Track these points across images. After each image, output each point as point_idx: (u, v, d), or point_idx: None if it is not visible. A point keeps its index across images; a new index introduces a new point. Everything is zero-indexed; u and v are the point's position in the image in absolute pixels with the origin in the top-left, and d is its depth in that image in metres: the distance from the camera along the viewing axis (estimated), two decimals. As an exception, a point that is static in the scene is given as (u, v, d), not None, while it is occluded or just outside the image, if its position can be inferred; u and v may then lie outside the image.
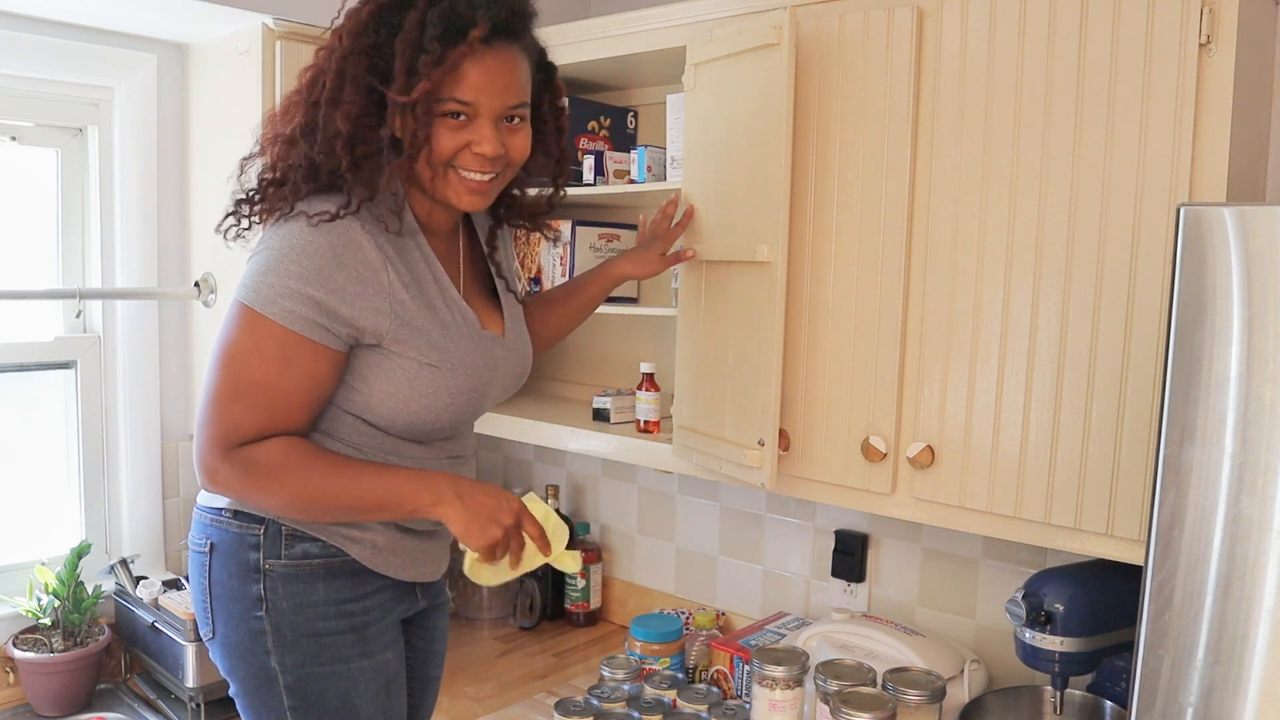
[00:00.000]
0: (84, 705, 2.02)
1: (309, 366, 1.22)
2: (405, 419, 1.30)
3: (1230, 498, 1.04)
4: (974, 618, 1.90)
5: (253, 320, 1.21)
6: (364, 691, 1.34)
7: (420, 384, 1.28)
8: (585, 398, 2.36)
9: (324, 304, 1.20)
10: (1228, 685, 1.05)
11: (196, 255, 2.27)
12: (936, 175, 1.52)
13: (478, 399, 1.36)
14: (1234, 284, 1.02)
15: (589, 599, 2.44)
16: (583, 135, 2.17)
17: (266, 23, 1.99)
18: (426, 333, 1.28)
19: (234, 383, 1.22)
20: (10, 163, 2.12)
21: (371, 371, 1.27)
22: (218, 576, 1.33)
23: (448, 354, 1.30)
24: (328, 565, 1.32)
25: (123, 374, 2.23)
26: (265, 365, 1.21)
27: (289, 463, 1.22)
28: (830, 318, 1.65)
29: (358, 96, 1.21)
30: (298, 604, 1.31)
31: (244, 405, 1.21)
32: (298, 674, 1.31)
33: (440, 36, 1.18)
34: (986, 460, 1.50)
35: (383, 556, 1.35)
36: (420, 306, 1.28)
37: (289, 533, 1.30)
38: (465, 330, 1.34)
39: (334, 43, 1.24)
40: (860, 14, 1.58)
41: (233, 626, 1.32)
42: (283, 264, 1.20)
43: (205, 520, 1.35)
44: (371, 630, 1.35)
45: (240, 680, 1.34)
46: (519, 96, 1.27)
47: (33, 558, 2.12)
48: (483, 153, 1.24)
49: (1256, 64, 1.42)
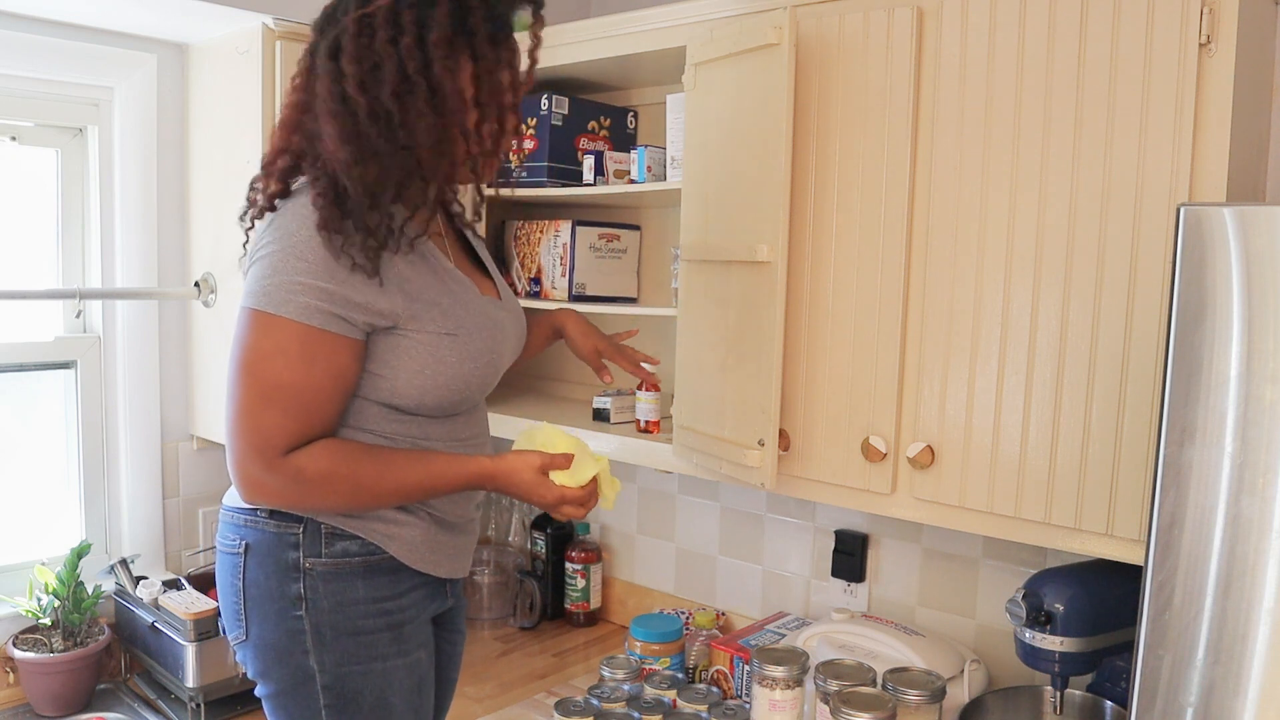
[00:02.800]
0: (84, 705, 2.02)
1: (333, 359, 1.22)
2: (435, 395, 1.30)
3: (1230, 498, 1.04)
4: (974, 618, 1.90)
5: (268, 323, 1.20)
6: (398, 690, 1.34)
7: (443, 354, 1.29)
8: (585, 398, 2.36)
9: (336, 294, 1.20)
10: (1228, 685, 1.05)
11: (196, 255, 2.27)
12: (936, 175, 1.52)
13: (495, 360, 1.38)
14: (1234, 284, 1.02)
15: (589, 599, 2.44)
16: (583, 135, 2.17)
17: (266, 23, 1.99)
18: (437, 303, 1.28)
19: (261, 388, 1.20)
20: (10, 163, 2.12)
21: (393, 355, 1.27)
22: (253, 577, 1.31)
23: (461, 321, 1.31)
24: (366, 563, 1.32)
25: (123, 374, 2.23)
26: (290, 365, 1.20)
27: (337, 468, 1.23)
28: (830, 318, 1.65)
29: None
30: (338, 602, 1.30)
31: (276, 409, 1.20)
32: (336, 673, 1.31)
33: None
34: (986, 460, 1.50)
35: (419, 553, 1.35)
36: (427, 276, 1.29)
37: (329, 531, 1.30)
38: (468, 294, 1.35)
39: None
40: (860, 14, 1.58)
41: (269, 627, 1.31)
42: (287, 262, 1.20)
43: (238, 521, 1.33)
44: (408, 629, 1.36)
45: (276, 680, 1.32)
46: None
47: (33, 558, 2.12)
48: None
49: (1256, 64, 1.42)
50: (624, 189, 2.04)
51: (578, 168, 2.14)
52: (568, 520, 1.33)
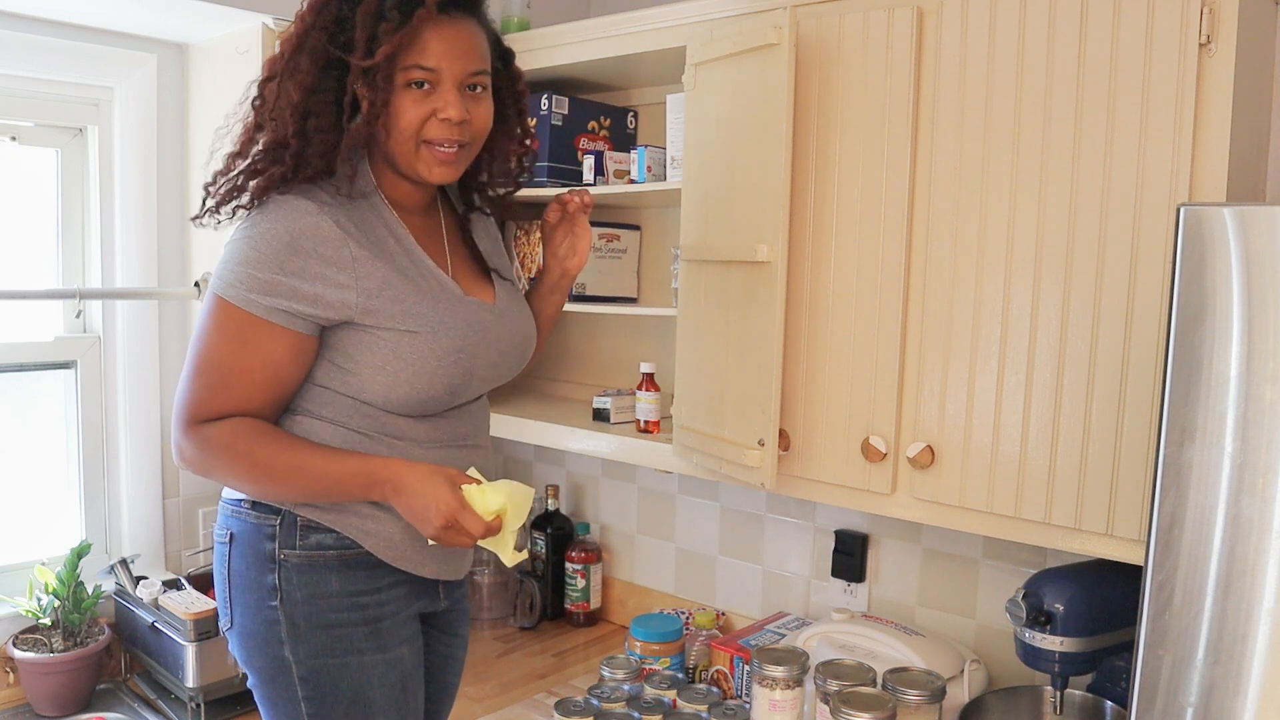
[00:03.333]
0: (84, 705, 2.02)
1: (265, 346, 1.25)
2: (400, 392, 1.30)
3: (1230, 498, 1.04)
4: (974, 618, 1.90)
5: (216, 306, 1.26)
6: (378, 686, 1.34)
7: (405, 352, 1.29)
8: (585, 398, 2.36)
9: (282, 286, 1.23)
10: (1228, 685, 1.05)
11: (196, 255, 2.27)
12: (936, 175, 1.52)
13: (468, 362, 1.35)
14: (1234, 284, 1.02)
15: (589, 599, 2.44)
16: (583, 135, 2.17)
17: (266, 23, 1.99)
18: (400, 300, 1.29)
19: (196, 362, 1.27)
20: (10, 163, 2.12)
21: (355, 349, 1.29)
22: (236, 566, 1.34)
23: (425, 318, 1.30)
24: (342, 557, 1.32)
25: (123, 374, 2.23)
26: (222, 344, 1.26)
27: (236, 441, 1.26)
28: (830, 318, 1.65)
29: (313, 68, 1.25)
30: (311, 594, 1.31)
31: (202, 382, 1.26)
32: (311, 665, 1.32)
33: (399, 4, 1.23)
34: (986, 460, 1.50)
35: (398, 550, 1.35)
36: (389, 273, 1.29)
37: (304, 523, 1.31)
38: (442, 294, 1.34)
39: (295, 24, 1.28)
40: (860, 14, 1.58)
41: (249, 616, 1.33)
42: (243, 251, 1.25)
43: (227, 511, 1.37)
44: (386, 624, 1.35)
45: (257, 670, 1.35)
46: (479, 64, 1.31)
47: (33, 558, 2.12)
48: (449, 117, 1.27)
49: (1256, 64, 1.42)
50: (624, 189, 2.04)
51: (578, 168, 2.14)
52: (444, 544, 1.26)
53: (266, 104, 1.28)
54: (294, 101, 1.25)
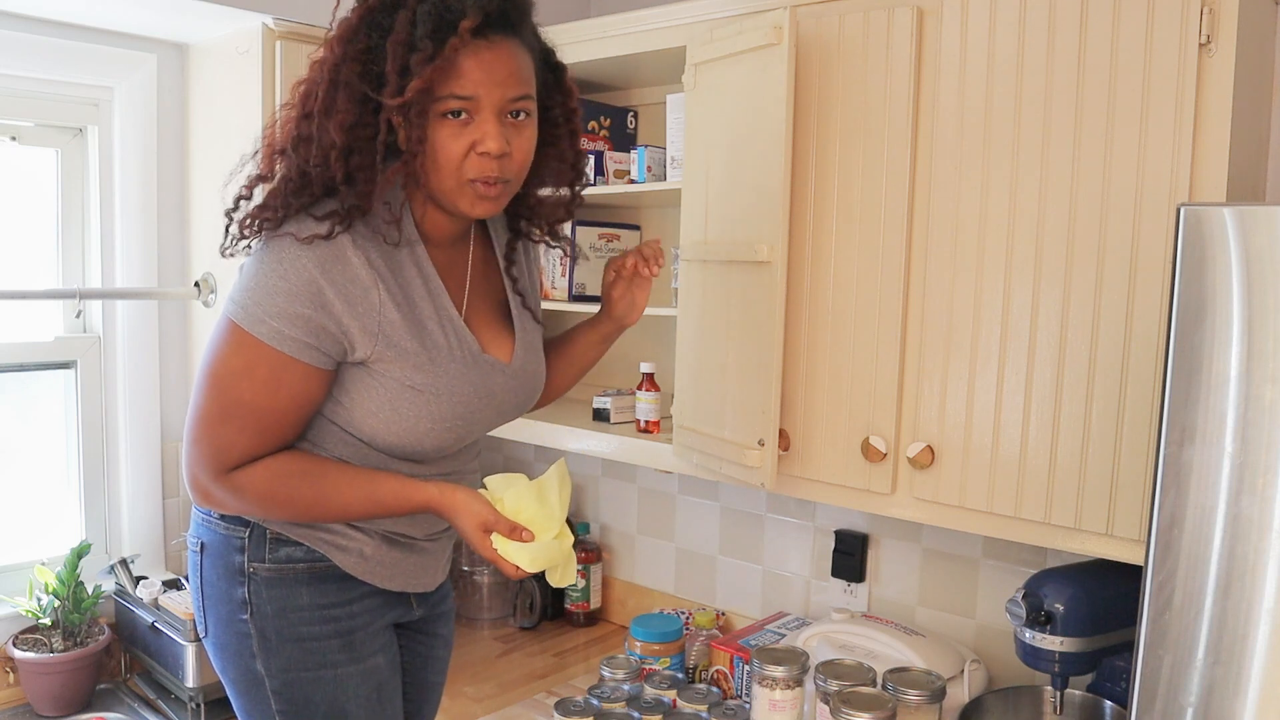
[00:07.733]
0: (84, 705, 2.02)
1: (299, 386, 1.21)
2: (385, 439, 1.27)
3: (1230, 498, 1.04)
4: (974, 618, 1.90)
5: (242, 340, 1.19)
6: (354, 697, 1.33)
7: (401, 406, 1.25)
8: (585, 398, 2.36)
9: (312, 321, 1.18)
10: (1228, 685, 1.05)
11: (196, 255, 2.27)
12: (936, 175, 1.52)
13: (464, 426, 1.31)
14: (1234, 284, 1.02)
15: (589, 599, 2.44)
16: (583, 135, 2.17)
17: (266, 23, 1.99)
18: (413, 355, 1.24)
19: (224, 404, 1.20)
20: (10, 163, 2.12)
21: (355, 386, 1.25)
22: (208, 577, 1.33)
23: (434, 379, 1.26)
24: (312, 570, 1.30)
25: (123, 374, 2.23)
26: (255, 388, 1.19)
27: (275, 490, 1.23)
28: (830, 318, 1.65)
29: (351, 105, 1.16)
30: (281, 608, 1.29)
31: (234, 427, 1.20)
32: (284, 679, 1.30)
33: (431, 33, 1.14)
34: (986, 460, 1.50)
35: (369, 565, 1.33)
36: (410, 326, 1.24)
37: (273, 536, 1.29)
38: (459, 354, 1.28)
39: (326, 53, 1.20)
40: (860, 14, 1.58)
41: (222, 627, 1.32)
42: (271, 281, 1.18)
43: (198, 520, 1.35)
44: (359, 635, 1.34)
45: (231, 681, 1.33)
46: (521, 88, 1.21)
47: (33, 558, 2.12)
48: (488, 150, 1.17)
49: (1256, 64, 1.42)
50: (624, 189, 2.04)
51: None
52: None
53: (303, 142, 1.19)
54: (338, 145, 1.17)
